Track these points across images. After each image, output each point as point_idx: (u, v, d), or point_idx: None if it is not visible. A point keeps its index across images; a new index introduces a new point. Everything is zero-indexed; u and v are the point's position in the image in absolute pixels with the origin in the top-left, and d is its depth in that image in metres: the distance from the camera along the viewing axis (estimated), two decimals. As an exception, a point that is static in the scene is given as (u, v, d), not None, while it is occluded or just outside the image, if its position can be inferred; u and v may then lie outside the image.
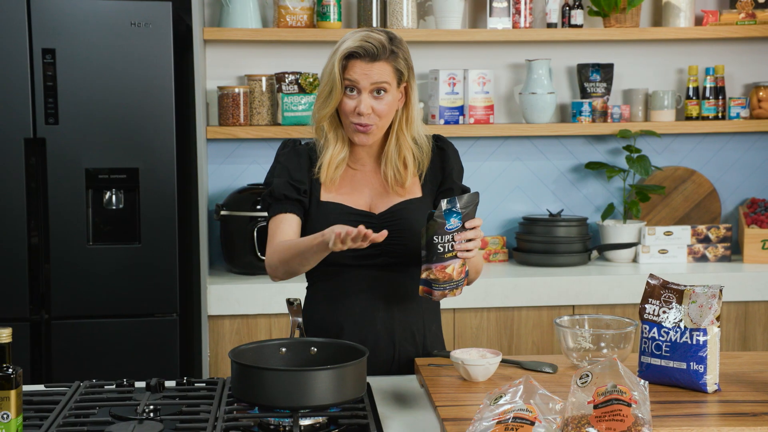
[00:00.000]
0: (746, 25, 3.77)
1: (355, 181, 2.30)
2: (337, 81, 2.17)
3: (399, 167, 2.27)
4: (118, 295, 3.21)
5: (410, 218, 2.24)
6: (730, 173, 3.96)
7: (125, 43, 3.17)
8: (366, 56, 2.16)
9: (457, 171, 2.35)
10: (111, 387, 2.05)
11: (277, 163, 2.30)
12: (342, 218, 2.22)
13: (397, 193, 2.28)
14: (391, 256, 2.23)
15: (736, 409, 1.83)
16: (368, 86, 2.17)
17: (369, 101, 2.18)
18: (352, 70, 2.17)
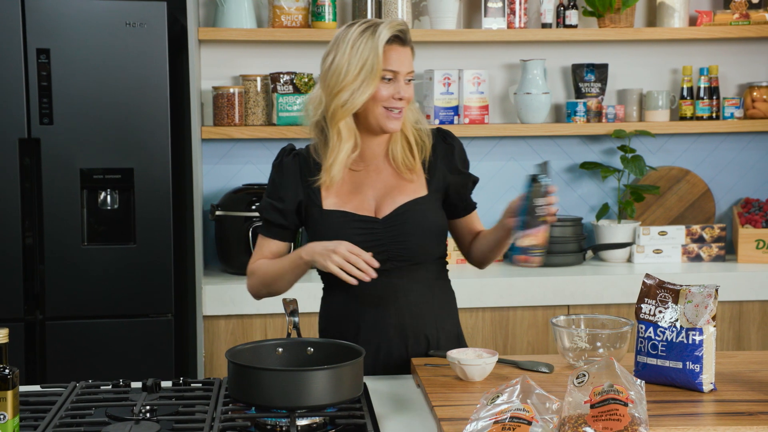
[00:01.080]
0: (740, 26, 3.78)
1: (358, 183, 2.28)
2: (378, 68, 2.15)
3: (406, 149, 2.27)
4: (113, 296, 3.21)
5: (414, 220, 2.24)
6: (725, 173, 3.97)
7: (120, 43, 3.17)
8: (402, 41, 2.20)
9: (464, 165, 2.34)
10: (107, 387, 2.04)
11: (270, 178, 2.33)
12: (346, 226, 2.21)
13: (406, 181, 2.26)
14: (397, 259, 2.23)
15: (731, 409, 1.83)
16: (404, 72, 2.19)
17: (405, 86, 2.20)
18: (390, 57, 2.17)
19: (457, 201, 2.33)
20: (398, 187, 2.27)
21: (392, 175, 2.28)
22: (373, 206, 2.26)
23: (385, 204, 2.26)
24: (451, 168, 2.31)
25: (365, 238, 2.21)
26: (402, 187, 2.27)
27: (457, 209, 2.34)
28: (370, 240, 2.21)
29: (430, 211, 2.27)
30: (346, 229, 2.21)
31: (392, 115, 2.20)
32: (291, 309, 2.07)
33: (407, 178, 2.27)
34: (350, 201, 2.25)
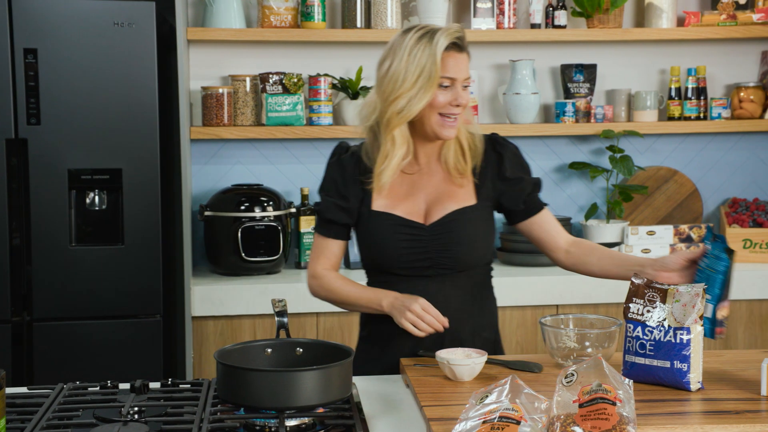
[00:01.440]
0: (727, 26, 3.79)
1: (410, 186, 2.28)
2: (436, 75, 2.15)
3: (458, 153, 2.27)
4: (101, 297, 3.20)
5: (461, 229, 2.24)
6: (712, 173, 3.98)
7: (108, 43, 3.16)
8: (460, 47, 2.19)
9: (520, 170, 2.32)
10: (95, 389, 2.04)
11: (327, 175, 2.32)
12: (393, 231, 2.22)
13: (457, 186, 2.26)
14: (441, 267, 2.24)
15: (719, 407, 1.84)
16: (462, 79, 2.19)
17: (463, 93, 2.20)
18: (447, 63, 2.17)
19: (512, 206, 2.31)
20: (449, 192, 2.27)
21: (444, 180, 2.28)
22: (423, 210, 2.26)
23: (434, 209, 2.26)
24: (501, 176, 2.29)
25: (410, 244, 2.22)
26: (452, 193, 2.27)
27: (516, 214, 2.32)
28: (414, 246, 2.22)
29: (477, 221, 2.26)
30: (393, 234, 2.22)
31: (447, 123, 2.20)
32: (280, 310, 2.07)
33: (458, 183, 2.27)
34: (401, 203, 2.26)
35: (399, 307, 2.16)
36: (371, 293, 2.24)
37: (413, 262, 2.22)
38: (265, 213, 3.50)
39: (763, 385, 1.90)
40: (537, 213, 2.32)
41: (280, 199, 3.58)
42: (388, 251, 2.23)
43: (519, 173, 2.31)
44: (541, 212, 2.32)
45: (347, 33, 3.64)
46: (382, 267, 2.26)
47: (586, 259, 2.28)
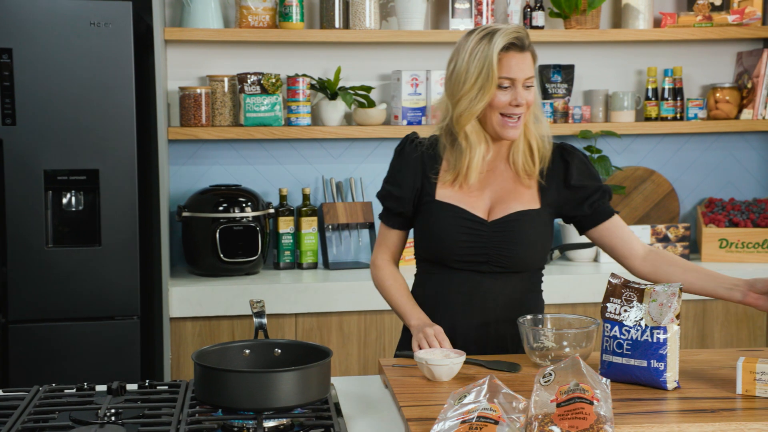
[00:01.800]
0: (703, 28, 3.82)
1: (479, 184, 2.29)
2: (494, 75, 2.17)
3: (527, 153, 2.28)
4: (78, 298, 3.18)
5: (522, 230, 2.25)
6: (689, 173, 4.01)
7: (84, 42, 3.14)
8: (519, 47, 2.19)
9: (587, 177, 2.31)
10: (71, 391, 2.02)
11: (391, 163, 2.36)
12: (454, 223, 2.24)
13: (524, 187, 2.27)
14: (496, 264, 2.26)
15: (695, 406, 1.85)
16: (522, 79, 2.19)
17: (523, 93, 2.20)
18: (507, 63, 2.18)
19: (578, 212, 2.31)
20: (514, 192, 2.29)
21: (511, 179, 2.30)
22: (488, 207, 2.28)
23: (498, 207, 2.27)
24: (566, 183, 2.30)
25: (469, 238, 2.25)
26: (518, 194, 2.28)
27: (584, 220, 2.32)
28: (473, 240, 2.25)
29: (538, 225, 2.28)
30: (454, 226, 2.25)
31: (509, 123, 2.21)
32: (258, 310, 2.06)
33: (525, 183, 2.29)
34: (466, 198, 2.27)
35: (417, 331, 2.21)
36: (408, 308, 2.29)
37: (470, 256, 2.25)
38: (244, 214, 3.50)
39: (739, 384, 1.92)
40: (607, 219, 2.31)
41: (258, 200, 3.57)
42: (447, 242, 2.25)
43: (585, 181, 2.31)
44: (612, 219, 2.32)
45: (325, 33, 3.63)
46: (438, 258, 2.28)
47: (668, 269, 2.26)
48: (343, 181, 3.81)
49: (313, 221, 3.68)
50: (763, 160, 4.02)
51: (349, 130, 3.67)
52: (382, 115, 3.73)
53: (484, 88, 2.18)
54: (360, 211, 3.74)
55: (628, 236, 2.31)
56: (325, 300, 3.37)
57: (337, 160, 3.81)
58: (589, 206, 2.30)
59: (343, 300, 3.38)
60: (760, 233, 3.70)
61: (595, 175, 2.34)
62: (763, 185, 4.02)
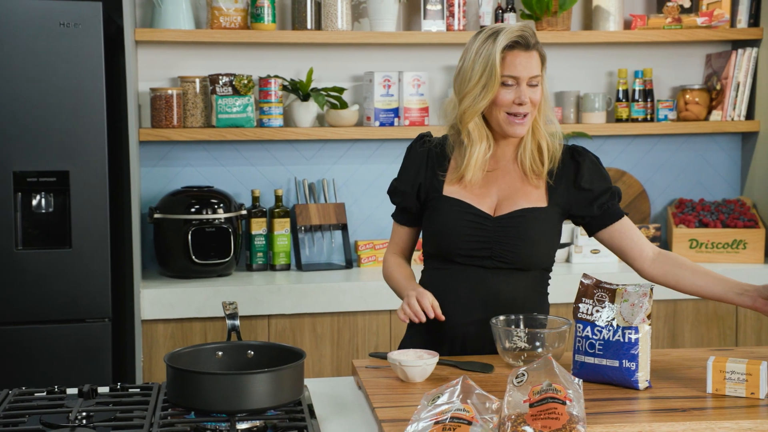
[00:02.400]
0: (673, 30, 3.85)
1: (487, 181, 2.31)
2: (497, 74, 2.19)
3: (535, 156, 2.29)
4: (48, 301, 3.15)
5: (526, 227, 2.26)
6: (659, 174, 4.04)
7: (54, 43, 3.11)
8: (524, 46, 2.21)
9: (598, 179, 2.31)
10: (41, 394, 2.01)
11: (403, 161, 2.40)
12: (459, 217, 2.27)
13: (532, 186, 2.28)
14: (499, 260, 2.27)
15: (666, 405, 1.87)
16: (526, 77, 2.21)
17: (527, 91, 2.21)
18: (510, 62, 2.20)
19: (586, 213, 2.31)
20: (522, 190, 2.30)
21: (518, 178, 2.31)
22: (495, 203, 2.30)
23: (505, 204, 2.29)
24: (576, 184, 2.30)
25: (473, 232, 2.26)
26: (525, 192, 2.29)
27: (593, 221, 2.32)
28: (477, 235, 2.26)
29: (544, 223, 2.28)
30: (459, 220, 2.27)
31: (515, 121, 2.23)
32: (231, 312, 2.05)
33: (533, 183, 2.29)
34: (473, 194, 2.29)
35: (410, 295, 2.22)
36: (405, 282, 2.32)
37: (473, 250, 2.25)
38: (216, 215, 3.48)
39: (709, 383, 1.94)
40: (616, 221, 2.31)
41: (230, 201, 3.56)
42: (451, 236, 2.26)
43: (595, 183, 2.31)
44: (621, 220, 2.31)
45: (297, 34, 3.63)
46: (443, 253, 2.29)
47: (678, 272, 2.25)
48: (316, 182, 3.80)
49: (286, 223, 3.67)
50: (731, 161, 4.07)
51: (322, 132, 3.66)
52: (355, 117, 3.73)
53: (487, 85, 2.21)
54: (333, 213, 3.73)
55: (637, 238, 2.31)
56: (297, 301, 3.37)
57: (310, 161, 3.81)
58: (598, 207, 2.30)
59: (316, 301, 3.37)
60: (730, 233, 3.74)
61: (605, 176, 2.34)
62: (732, 186, 4.07)
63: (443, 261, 2.31)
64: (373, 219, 3.85)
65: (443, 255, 2.30)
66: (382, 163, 3.85)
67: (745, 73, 3.88)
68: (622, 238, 2.31)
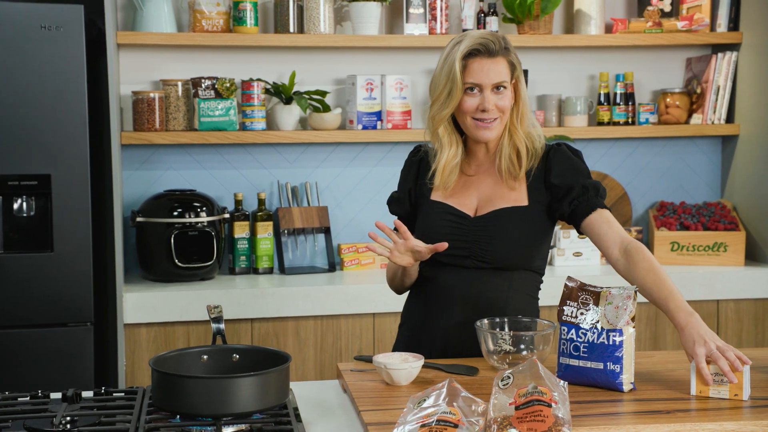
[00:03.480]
0: (653, 34, 3.88)
1: (467, 185, 2.34)
2: (458, 81, 2.22)
3: (513, 160, 2.31)
4: (30, 305, 3.13)
5: (503, 226, 2.27)
6: (640, 177, 4.06)
7: (35, 46, 3.10)
8: (486, 53, 2.22)
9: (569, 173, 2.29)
10: (25, 399, 1.99)
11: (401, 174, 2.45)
12: (440, 217, 2.31)
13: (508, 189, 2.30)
14: (478, 259, 2.29)
15: (650, 407, 1.88)
16: (489, 84, 2.22)
17: (492, 98, 2.23)
18: (472, 69, 2.22)
19: (560, 209, 2.30)
20: (501, 192, 2.32)
21: (497, 181, 2.33)
22: (475, 205, 2.33)
23: (485, 205, 2.32)
24: (547, 183, 2.31)
25: (452, 231, 2.29)
26: (504, 194, 2.31)
27: (568, 220, 2.33)
28: (456, 234, 2.28)
29: (524, 222, 2.29)
30: (439, 220, 2.31)
31: (481, 125, 2.25)
32: (215, 316, 2.05)
33: (509, 185, 2.31)
34: (455, 197, 2.33)
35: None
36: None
37: (453, 250, 2.26)
38: (199, 219, 3.47)
39: (693, 385, 1.95)
40: (587, 216, 2.27)
41: (213, 205, 3.55)
42: (433, 237, 2.28)
43: (567, 178, 2.29)
44: (592, 215, 2.27)
45: (280, 38, 3.62)
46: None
47: (633, 269, 2.16)
48: (299, 185, 3.80)
49: (269, 226, 3.66)
50: (712, 164, 4.09)
51: (305, 135, 3.66)
52: (338, 120, 3.73)
53: (451, 92, 2.24)
54: (316, 216, 3.73)
55: (607, 234, 2.25)
56: (281, 305, 3.36)
57: (293, 164, 3.80)
58: (568, 204, 2.29)
59: (299, 305, 3.37)
60: (711, 236, 3.77)
61: (579, 170, 2.31)
62: (712, 189, 4.09)
63: (428, 263, 2.32)
64: (356, 222, 3.85)
65: (428, 260, 2.31)
66: (364, 167, 3.85)
67: (725, 76, 3.91)
68: (593, 234, 2.28)
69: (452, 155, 2.31)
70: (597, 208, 2.28)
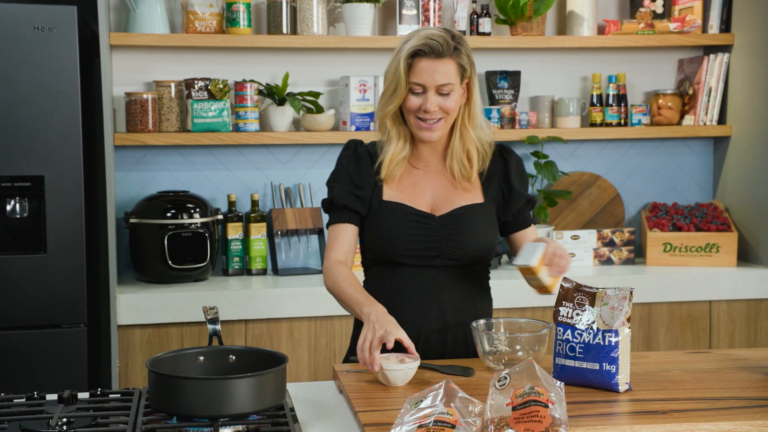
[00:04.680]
0: (645, 35, 3.89)
1: (418, 180, 2.32)
2: (402, 80, 2.21)
3: (464, 161, 2.31)
4: (24, 306, 3.12)
5: (469, 223, 2.29)
6: (633, 178, 4.07)
7: (28, 48, 3.09)
8: (431, 54, 2.20)
9: (519, 181, 2.36)
10: (21, 400, 1.99)
11: (339, 166, 2.35)
12: (404, 219, 2.27)
13: (462, 190, 2.31)
14: (448, 258, 2.28)
15: (646, 408, 1.88)
16: (433, 86, 2.21)
17: (435, 99, 2.22)
18: (417, 69, 2.21)
19: (504, 216, 2.35)
20: (456, 191, 2.32)
21: (450, 181, 2.33)
22: (431, 204, 2.31)
23: (443, 204, 2.31)
24: (506, 180, 2.34)
25: (420, 232, 2.27)
26: (460, 193, 2.32)
27: (506, 225, 2.37)
28: (424, 235, 2.27)
29: (485, 218, 2.31)
30: (404, 222, 2.27)
31: (424, 126, 2.24)
32: (212, 317, 2.05)
33: (463, 186, 2.32)
34: (410, 197, 2.31)
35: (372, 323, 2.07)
36: (361, 296, 2.18)
37: (422, 251, 2.26)
38: (192, 220, 3.47)
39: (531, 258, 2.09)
40: (523, 229, 2.38)
41: (206, 206, 3.55)
42: (399, 240, 2.26)
43: (518, 185, 2.35)
44: (527, 230, 2.38)
45: (273, 39, 3.62)
46: (390, 257, 2.29)
47: None
48: (292, 186, 3.80)
49: (262, 227, 3.66)
50: (704, 165, 4.11)
51: (298, 136, 3.66)
52: (331, 121, 3.73)
53: (396, 89, 2.23)
54: (309, 217, 3.73)
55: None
56: (274, 306, 3.36)
57: (286, 165, 3.80)
58: (513, 215, 2.36)
59: (293, 306, 3.37)
60: (703, 237, 3.78)
61: (525, 181, 2.40)
62: (704, 190, 4.11)
63: (390, 266, 2.30)
64: (349, 223, 3.85)
65: (390, 260, 2.30)
66: (358, 168, 3.85)
67: (717, 78, 3.92)
68: (516, 245, 2.40)
69: (399, 149, 2.30)
70: (531, 224, 2.40)
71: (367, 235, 2.33)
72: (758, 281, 3.65)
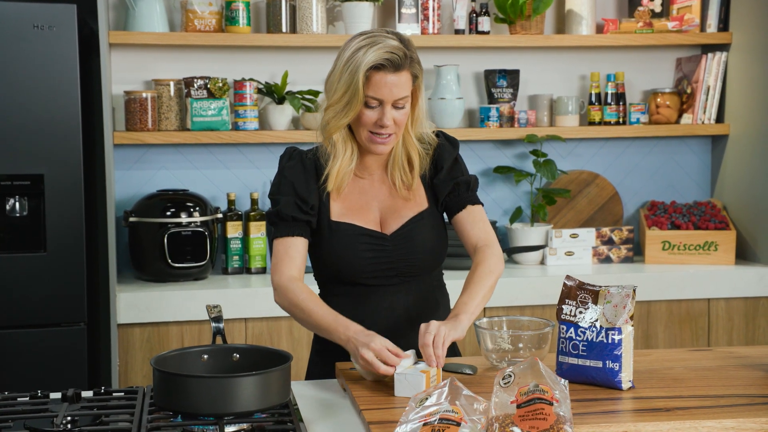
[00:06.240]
0: (644, 34, 3.90)
1: (364, 191, 2.25)
2: (359, 94, 2.09)
3: (405, 168, 2.24)
4: (24, 305, 3.12)
5: (421, 237, 2.22)
6: (631, 177, 4.08)
7: (28, 46, 3.08)
8: (390, 67, 2.09)
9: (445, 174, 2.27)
10: (25, 399, 1.99)
11: (282, 177, 2.22)
12: (356, 241, 2.19)
13: (405, 200, 2.24)
14: (405, 275, 2.23)
15: (650, 405, 1.89)
16: (391, 100, 2.11)
17: (391, 113, 2.12)
18: (375, 83, 2.09)
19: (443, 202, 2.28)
20: (401, 200, 2.25)
21: (392, 189, 2.26)
22: (378, 219, 2.24)
23: (390, 219, 2.23)
24: (436, 168, 2.27)
25: (374, 254, 2.20)
26: (405, 201, 2.25)
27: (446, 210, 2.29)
28: (379, 256, 2.20)
29: (434, 226, 2.26)
30: (356, 244, 2.19)
31: (377, 140, 2.15)
32: (215, 315, 2.05)
33: (404, 195, 2.25)
34: (357, 214, 2.22)
35: (354, 347, 2.03)
36: (333, 319, 2.10)
37: (378, 271, 2.21)
38: (192, 219, 3.47)
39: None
40: (457, 212, 2.27)
41: (206, 205, 3.54)
42: (353, 262, 2.19)
43: (445, 176, 2.27)
44: (461, 212, 2.27)
45: (272, 37, 3.62)
46: (345, 278, 2.22)
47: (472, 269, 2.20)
48: (291, 185, 3.79)
49: (262, 226, 3.66)
50: (702, 163, 4.12)
51: (297, 135, 3.66)
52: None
53: (350, 104, 2.11)
54: (308, 216, 3.72)
55: (468, 233, 2.26)
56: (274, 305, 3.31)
57: (285, 164, 3.80)
58: (441, 204, 2.28)
59: (293, 304, 3.36)
60: (701, 235, 3.79)
61: (455, 166, 2.28)
62: (702, 188, 4.12)
63: (345, 285, 2.23)
64: (348, 222, 3.85)
65: (345, 280, 2.23)
66: (357, 166, 3.85)
67: (715, 77, 3.93)
68: (457, 231, 2.29)
69: (347, 162, 2.20)
70: (467, 205, 2.27)
71: (318, 254, 2.25)
72: (756, 279, 3.66)
